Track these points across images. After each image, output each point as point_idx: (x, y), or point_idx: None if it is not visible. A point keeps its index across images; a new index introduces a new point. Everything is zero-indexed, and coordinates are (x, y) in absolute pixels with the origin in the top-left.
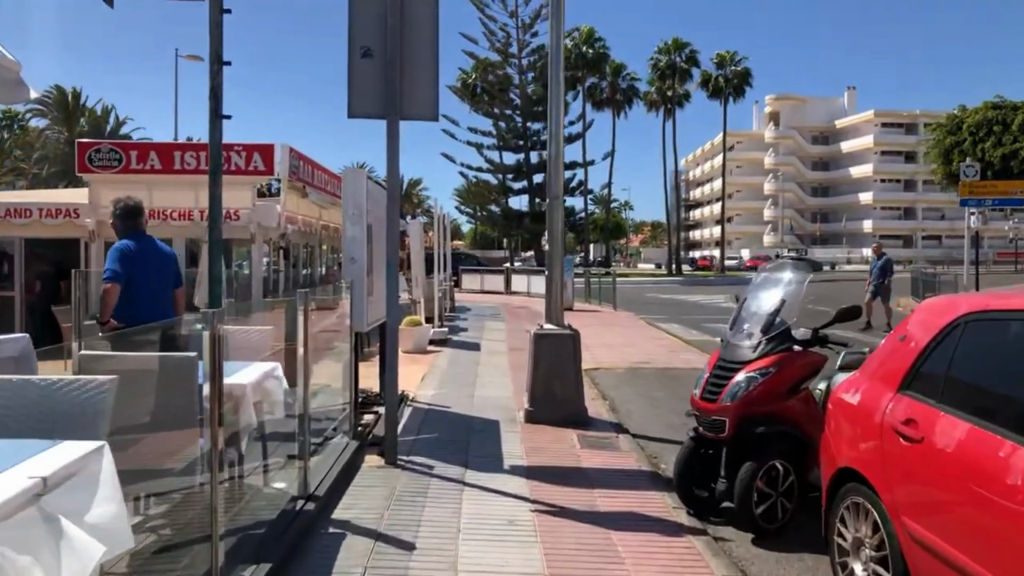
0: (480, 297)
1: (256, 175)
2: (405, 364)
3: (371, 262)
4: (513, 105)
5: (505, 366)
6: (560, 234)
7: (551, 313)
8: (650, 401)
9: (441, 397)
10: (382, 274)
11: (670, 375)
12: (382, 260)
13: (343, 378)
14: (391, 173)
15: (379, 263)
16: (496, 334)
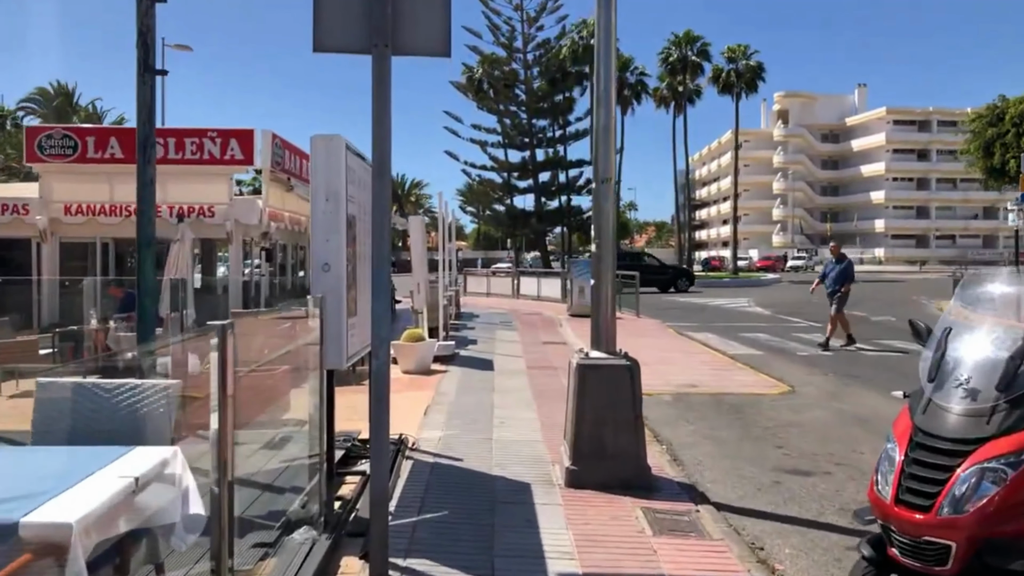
0: (487, 302)
1: (233, 165)
2: (405, 390)
3: (354, 270)
4: (519, 101)
5: (526, 391)
6: (611, 228)
7: (600, 335)
8: (717, 445)
9: (450, 441)
10: (368, 287)
11: (728, 405)
12: (369, 267)
13: (310, 441)
14: (379, 138)
15: (365, 271)
16: (509, 347)
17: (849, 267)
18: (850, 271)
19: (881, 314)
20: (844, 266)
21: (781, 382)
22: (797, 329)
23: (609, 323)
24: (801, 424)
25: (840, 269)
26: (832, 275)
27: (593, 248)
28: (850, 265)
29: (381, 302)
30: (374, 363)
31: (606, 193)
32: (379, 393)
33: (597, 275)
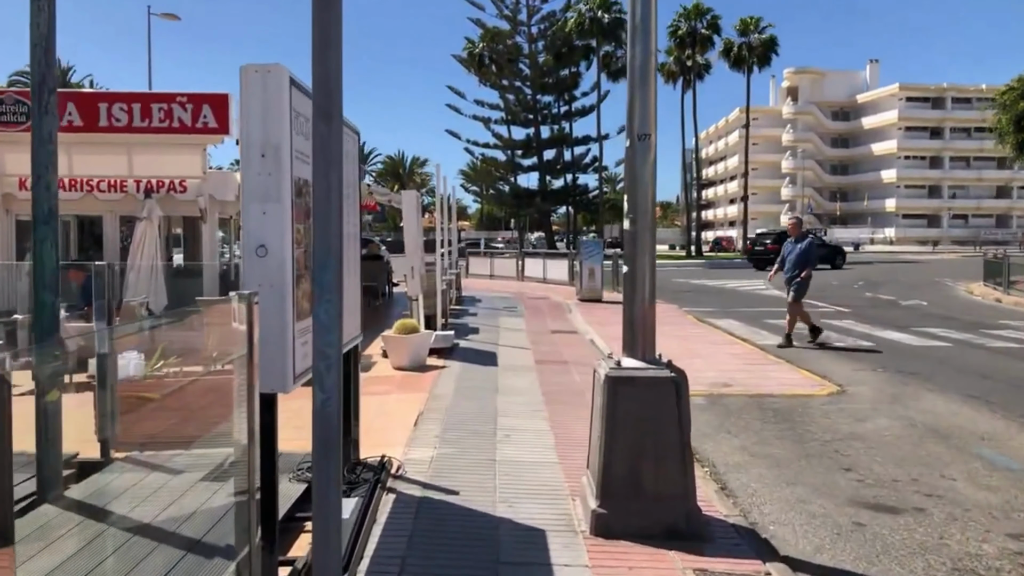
0: (490, 284)
1: (206, 134)
2: (395, 391)
3: (307, 254)
4: (523, 76)
5: (534, 392)
6: (650, 198)
7: (635, 337)
8: (772, 466)
9: (444, 464)
10: (348, 280)
11: (772, 410)
12: (343, 251)
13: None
14: (324, 59)
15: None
16: (515, 337)
17: (811, 248)
18: (811, 253)
19: (908, 297)
20: (805, 247)
21: (826, 380)
22: (825, 315)
23: (647, 321)
24: (865, 437)
25: (800, 250)
26: (791, 257)
27: (626, 225)
28: (812, 246)
29: (328, 304)
30: (318, 397)
31: (643, 153)
32: (325, 439)
33: (631, 259)
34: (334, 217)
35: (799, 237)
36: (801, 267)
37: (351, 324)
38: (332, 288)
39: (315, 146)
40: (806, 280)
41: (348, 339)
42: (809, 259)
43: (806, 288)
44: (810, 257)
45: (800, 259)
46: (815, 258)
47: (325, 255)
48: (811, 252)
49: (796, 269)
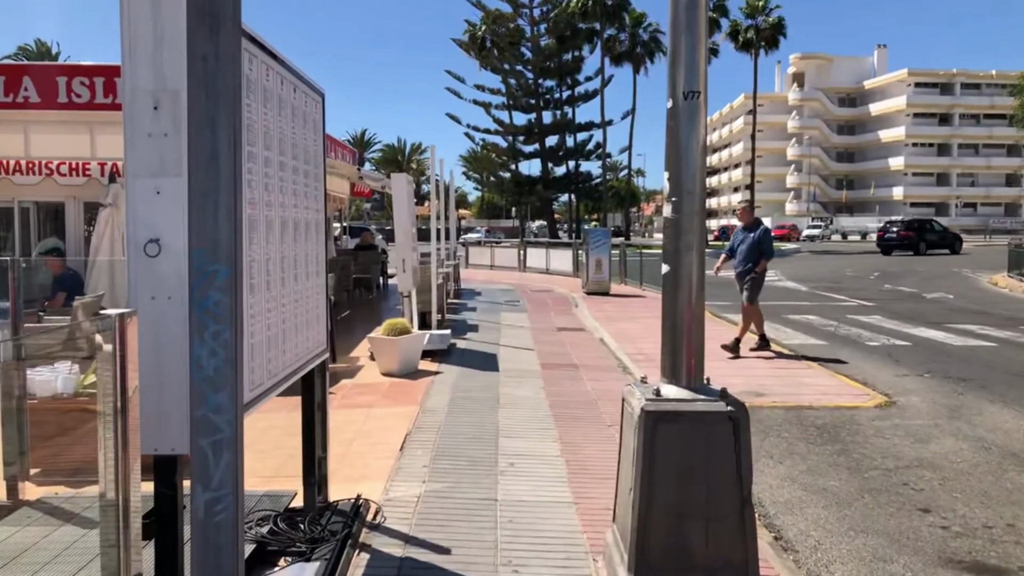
0: (491, 275)
1: None
2: (380, 403)
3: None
4: (524, 60)
5: (541, 404)
6: (698, 175)
7: (678, 358)
8: (831, 505)
9: (433, 507)
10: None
11: (816, 426)
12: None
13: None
14: None
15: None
16: (517, 335)
17: (765, 237)
18: (767, 243)
19: (931, 290)
20: (758, 235)
21: (869, 388)
22: (848, 309)
23: (694, 337)
24: (935, 464)
25: (753, 240)
26: (742, 248)
27: (666, 212)
28: (767, 234)
29: (214, 342)
30: (200, 498)
31: (691, 117)
32: (214, 568)
33: (673, 254)
34: (224, 195)
35: (751, 224)
36: (755, 259)
37: (314, 336)
38: (223, 312)
39: (191, 73)
40: (761, 276)
41: (311, 355)
42: (763, 250)
43: (761, 286)
44: (764, 248)
45: (752, 250)
46: (770, 249)
47: (208, 257)
48: (766, 242)
49: (748, 262)
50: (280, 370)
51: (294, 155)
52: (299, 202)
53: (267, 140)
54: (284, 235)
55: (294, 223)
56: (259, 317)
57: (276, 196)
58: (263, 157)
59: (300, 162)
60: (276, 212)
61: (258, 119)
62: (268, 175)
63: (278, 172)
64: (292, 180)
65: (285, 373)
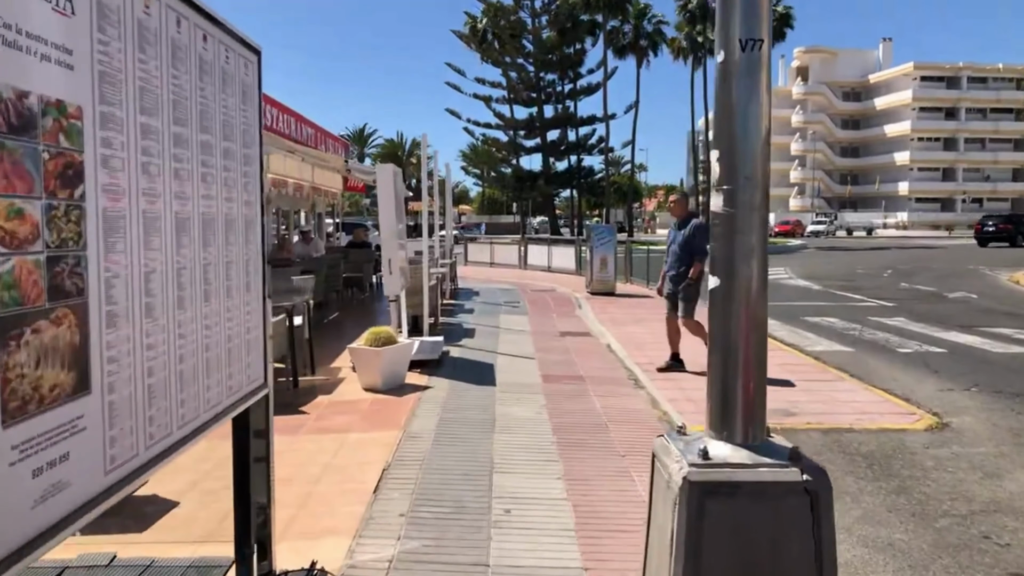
0: (490, 273)
1: None
2: (357, 427)
3: (51, 264)
4: (526, 53)
5: (543, 429)
6: (762, 150)
7: (731, 403)
8: (904, 566)
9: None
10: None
11: (862, 455)
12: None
13: None
14: None
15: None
16: (517, 342)
17: (699, 234)
18: (700, 240)
19: (951, 288)
20: (689, 232)
21: (913, 405)
22: (868, 310)
23: (752, 376)
24: (1017, 509)
25: (684, 238)
26: (673, 249)
27: (715, 204)
28: (701, 231)
29: None
30: None
31: (750, 74)
32: None
33: (726, 262)
34: None
35: (683, 220)
36: (688, 262)
37: (241, 370)
38: None
39: None
40: (698, 283)
41: (235, 396)
42: (695, 249)
43: (698, 294)
44: (696, 246)
45: (684, 250)
46: (704, 247)
47: None
48: (699, 239)
49: (681, 265)
50: (166, 431)
51: (204, 127)
52: (213, 191)
53: (145, 99)
54: (182, 237)
55: (204, 221)
56: (126, 359)
57: (166, 183)
58: (137, 124)
59: (215, 137)
60: (166, 205)
61: (129, 67)
62: (149, 151)
63: (170, 148)
64: (203, 162)
65: (181, 434)
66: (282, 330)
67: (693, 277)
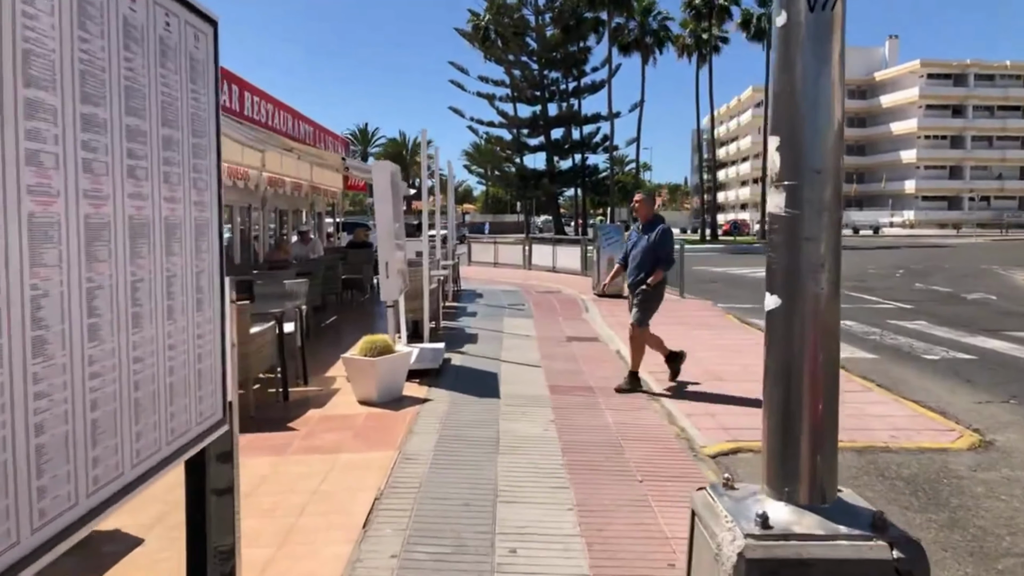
0: (494, 274)
1: None
2: (349, 447)
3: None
4: (529, 51)
5: (552, 448)
6: (837, 132)
7: (795, 452)
8: None
9: None
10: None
11: (902, 477)
12: None
13: None
14: None
15: None
16: (522, 347)
17: (664, 240)
18: (664, 247)
19: (968, 289)
20: (657, 238)
21: (951, 421)
22: (886, 313)
23: (824, 420)
24: None
25: (650, 243)
26: (635, 253)
27: (772, 205)
28: (666, 237)
29: None
30: None
31: (820, 38)
32: None
33: (785, 277)
34: None
35: (649, 222)
36: (649, 267)
37: (190, 407)
38: None
39: None
40: (656, 291)
41: (183, 439)
42: (660, 256)
43: (656, 303)
44: (661, 253)
45: (648, 255)
46: (669, 255)
47: None
48: (663, 246)
49: (641, 271)
50: (82, 494)
51: (131, 108)
52: (146, 189)
53: (62, 77)
54: (95, 248)
55: (133, 226)
56: (24, 405)
57: (78, 180)
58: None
59: (150, 122)
60: (76, 207)
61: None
62: (56, 140)
63: (76, 133)
64: (130, 152)
65: (95, 501)
66: (271, 338)
67: (652, 284)
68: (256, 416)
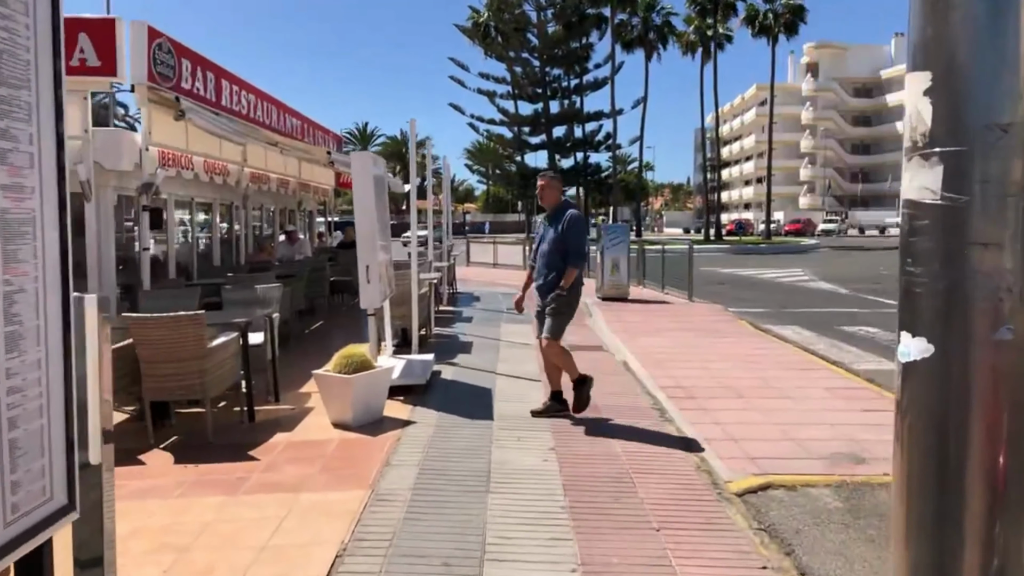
0: (493, 275)
1: (85, 75)
2: (316, 481)
3: None
4: (530, 47)
5: (553, 485)
6: None
7: None
8: None
9: None
10: None
11: None
12: None
13: None
14: None
15: None
16: (520, 358)
17: (573, 230)
18: (574, 239)
19: None
20: (565, 227)
21: None
22: None
23: (1011, 546)
24: None
25: (559, 234)
26: (544, 248)
27: (912, 187)
28: (576, 226)
29: None
30: None
31: None
32: None
33: (932, 299)
34: None
35: (556, 210)
36: (560, 266)
37: (32, 479)
38: None
39: None
40: (572, 295)
41: (23, 525)
42: (568, 250)
43: (573, 309)
44: (572, 246)
45: (557, 250)
46: (579, 249)
47: None
48: (572, 238)
49: (550, 271)
50: None
51: None
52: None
53: None
54: None
55: None
56: None
57: None
58: None
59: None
60: None
61: None
62: None
63: None
64: None
65: None
66: (235, 351)
67: (565, 286)
68: (215, 442)
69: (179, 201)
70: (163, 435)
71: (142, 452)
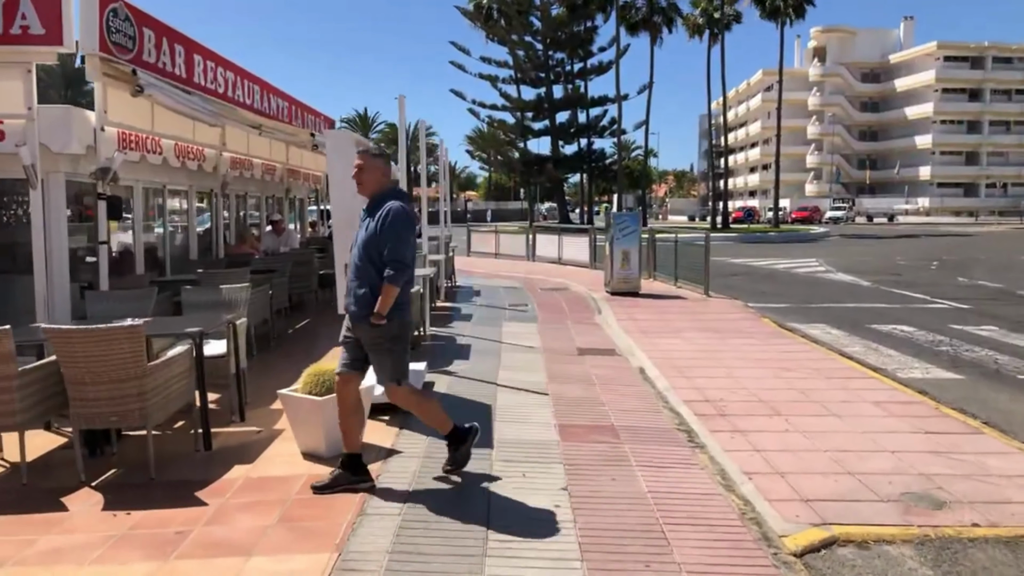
0: (495, 266)
1: (28, 44)
2: (266, 544)
3: None
4: (533, 31)
5: (569, 549)
6: None
7: None
8: None
9: None
10: None
11: None
12: None
13: None
14: None
15: None
16: (524, 365)
17: (393, 228)
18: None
19: (1017, 284)
20: (381, 225)
21: None
22: (943, 315)
23: None
24: None
25: (371, 232)
26: (357, 251)
27: None
28: (399, 220)
29: None
30: None
31: None
32: None
33: None
34: None
35: (376, 200)
36: (373, 279)
37: None
38: None
39: None
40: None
41: None
42: (387, 255)
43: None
44: (390, 251)
45: (370, 255)
46: (402, 253)
47: None
48: (396, 239)
49: (362, 283)
50: None
51: None
52: None
53: None
54: None
55: None
56: None
57: None
58: None
59: None
60: None
61: None
62: None
63: None
64: None
65: None
66: (188, 366)
67: (382, 311)
68: (158, 479)
69: (149, 189)
70: (99, 468)
71: (69, 492)
